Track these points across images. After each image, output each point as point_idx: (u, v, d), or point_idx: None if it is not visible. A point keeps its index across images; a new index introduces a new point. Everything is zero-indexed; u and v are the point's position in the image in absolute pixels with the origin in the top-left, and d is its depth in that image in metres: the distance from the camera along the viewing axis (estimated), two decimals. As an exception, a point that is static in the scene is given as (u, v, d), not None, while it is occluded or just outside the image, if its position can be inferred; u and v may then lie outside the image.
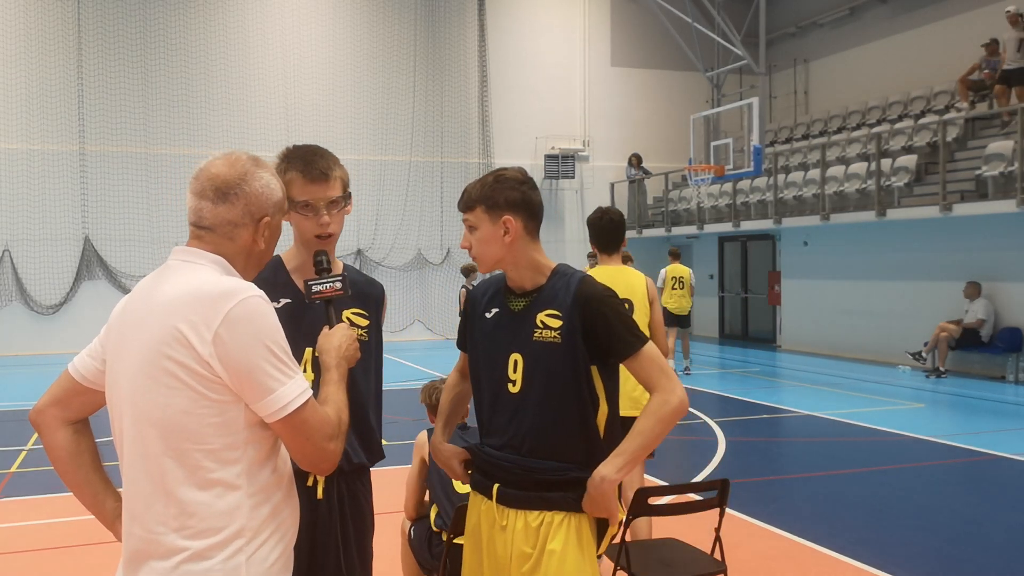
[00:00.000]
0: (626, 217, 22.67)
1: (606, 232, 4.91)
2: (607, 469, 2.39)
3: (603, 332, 2.45)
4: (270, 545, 1.87)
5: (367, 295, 2.71)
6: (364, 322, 2.66)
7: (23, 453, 8.21)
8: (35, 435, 8.59)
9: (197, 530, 1.79)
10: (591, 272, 3.95)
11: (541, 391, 2.46)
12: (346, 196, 2.59)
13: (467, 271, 14.46)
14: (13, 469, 7.67)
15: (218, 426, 1.79)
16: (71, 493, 2.06)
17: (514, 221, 2.49)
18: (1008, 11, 13.81)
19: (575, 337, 2.44)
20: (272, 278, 2.58)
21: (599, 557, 2.57)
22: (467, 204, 2.53)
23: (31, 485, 7.04)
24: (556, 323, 2.46)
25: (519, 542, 2.47)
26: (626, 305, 4.51)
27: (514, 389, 2.51)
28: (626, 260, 6.36)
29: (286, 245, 2.84)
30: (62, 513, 6.05)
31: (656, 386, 2.43)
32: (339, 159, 2.64)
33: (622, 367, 2.53)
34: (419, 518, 4.07)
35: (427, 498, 4.04)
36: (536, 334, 2.48)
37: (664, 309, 13.42)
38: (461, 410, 2.90)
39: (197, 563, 1.78)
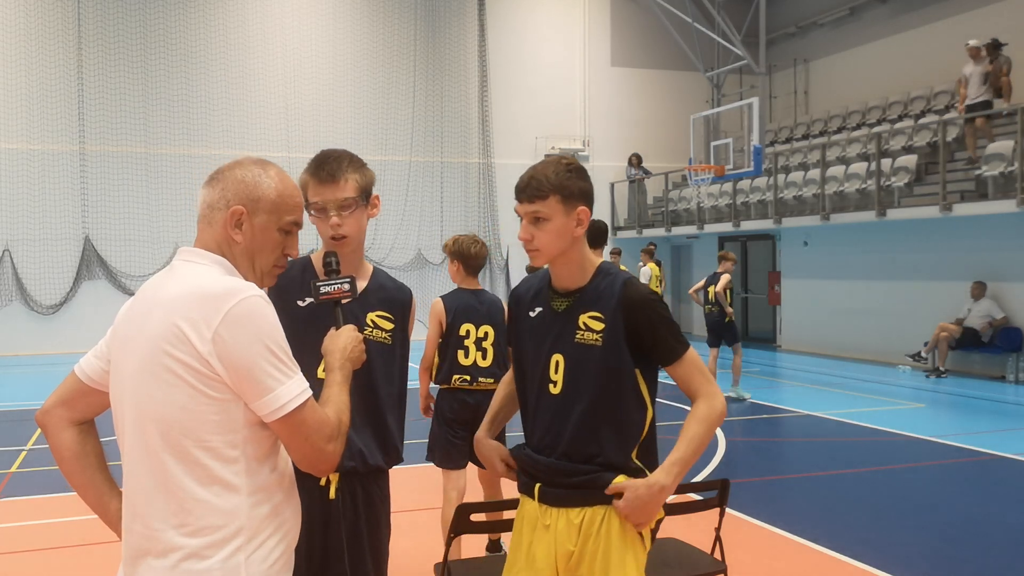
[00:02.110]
0: (626, 217, 22.75)
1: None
2: (667, 478, 2.35)
3: (648, 336, 2.41)
4: (270, 545, 1.86)
5: (394, 299, 2.72)
6: (389, 325, 2.67)
7: (23, 453, 8.21)
8: (35, 435, 8.62)
9: (196, 527, 1.79)
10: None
11: (582, 393, 2.42)
12: (360, 198, 2.58)
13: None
14: (13, 469, 7.67)
15: (217, 424, 1.80)
16: (72, 493, 2.07)
17: (588, 213, 2.46)
18: (969, 44, 13.78)
19: (618, 340, 2.40)
20: (299, 277, 2.61)
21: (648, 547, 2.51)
22: (538, 192, 2.41)
23: (31, 485, 7.04)
24: (599, 325, 2.42)
25: (563, 540, 2.44)
26: None
27: (555, 390, 2.47)
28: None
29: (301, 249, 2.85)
30: (62, 513, 6.05)
31: (700, 391, 2.41)
32: (364, 163, 2.64)
33: None
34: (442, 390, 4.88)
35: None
36: (578, 335, 2.44)
37: None
38: (511, 409, 2.81)
39: (196, 562, 1.78)
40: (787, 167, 17.29)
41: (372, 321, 2.63)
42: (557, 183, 2.40)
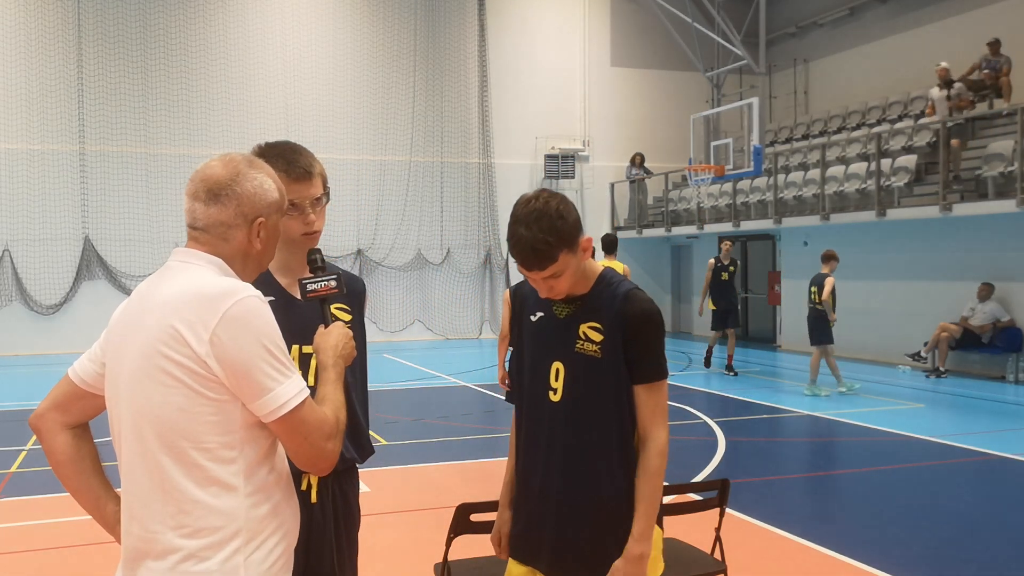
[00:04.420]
0: (626, 217, 22.73)
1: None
2: (643, 546, 2.35)
3: (636, 349, 2.39)
4: (269, 546, 1.86)
5: (351, 290, 2.70)
6: (348, 316, 2.65)
7: (23, 453, 8.21)
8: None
9: (194, 529, 1.79)
10: None
11: (581, 404, 2.42)
12: (327, 192, 2.58)
13: None
14: (13, 469, 7.67)
15: (215, 424, 1.79)
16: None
17: (588, 239, 2.43)
18: (940, 66, 13.77)
19: (616, 353, 2.38)
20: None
21: None
22: (546, 257, 2.31)
23: (31, 485, 7.04)
24: (597, 337, 2.41)
25: None
26: None
27: (555, 398, 2.46)
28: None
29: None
30: (62, 513, 6.05)
31: (653, 427, 2.40)
32: (315, 155, 2.61)
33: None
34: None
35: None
36: (578, 345, 2.43)
37: None
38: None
39: (195, 564, 1.78)
40: (787, 167, 17.28)
41: (332, 314, 2.62)
42: (558, 239, 2.30)
